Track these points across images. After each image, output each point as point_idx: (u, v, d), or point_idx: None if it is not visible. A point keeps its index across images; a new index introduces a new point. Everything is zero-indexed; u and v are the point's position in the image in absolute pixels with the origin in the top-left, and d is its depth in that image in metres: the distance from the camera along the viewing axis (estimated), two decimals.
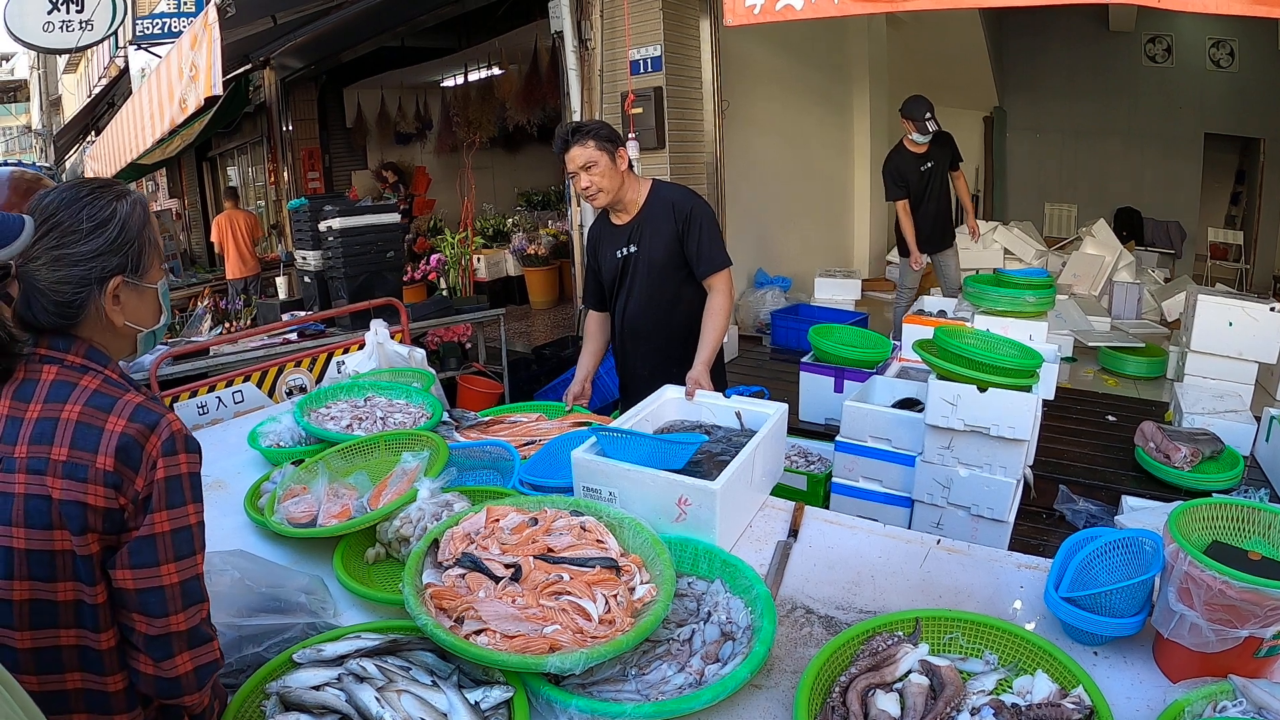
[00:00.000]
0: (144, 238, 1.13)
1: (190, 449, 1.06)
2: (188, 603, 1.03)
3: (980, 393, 2.30)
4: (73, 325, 1.09)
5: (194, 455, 1.07)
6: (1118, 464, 3.30)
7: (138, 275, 1.13)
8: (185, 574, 1.03)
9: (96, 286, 1.08)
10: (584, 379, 2.65)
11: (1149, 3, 2.10)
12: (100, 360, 1.10)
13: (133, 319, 1.14)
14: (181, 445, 1.04)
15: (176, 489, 1.03)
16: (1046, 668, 1.17)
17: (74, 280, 1.07)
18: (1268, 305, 3.81)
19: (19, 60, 22.76)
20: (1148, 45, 8.63)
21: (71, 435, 1.01)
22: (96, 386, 1.06)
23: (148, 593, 1.01)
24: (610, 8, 4.94)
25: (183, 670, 1.03)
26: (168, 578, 1.01)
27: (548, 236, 8.01)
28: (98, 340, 1.11)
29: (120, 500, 1.01)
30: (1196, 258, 8.68)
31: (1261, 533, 1.26)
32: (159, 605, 1.01)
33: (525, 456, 2.05)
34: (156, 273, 1.17)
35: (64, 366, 1.07)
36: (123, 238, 1.10)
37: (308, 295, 5.15)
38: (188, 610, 1.03)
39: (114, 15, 7.69)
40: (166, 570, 1.01)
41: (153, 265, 1.15)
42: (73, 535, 0.99)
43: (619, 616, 1.28)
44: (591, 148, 2.39)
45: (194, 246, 12.30)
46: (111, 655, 1.03)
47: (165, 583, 1.01)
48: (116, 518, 1.01)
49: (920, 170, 5.05)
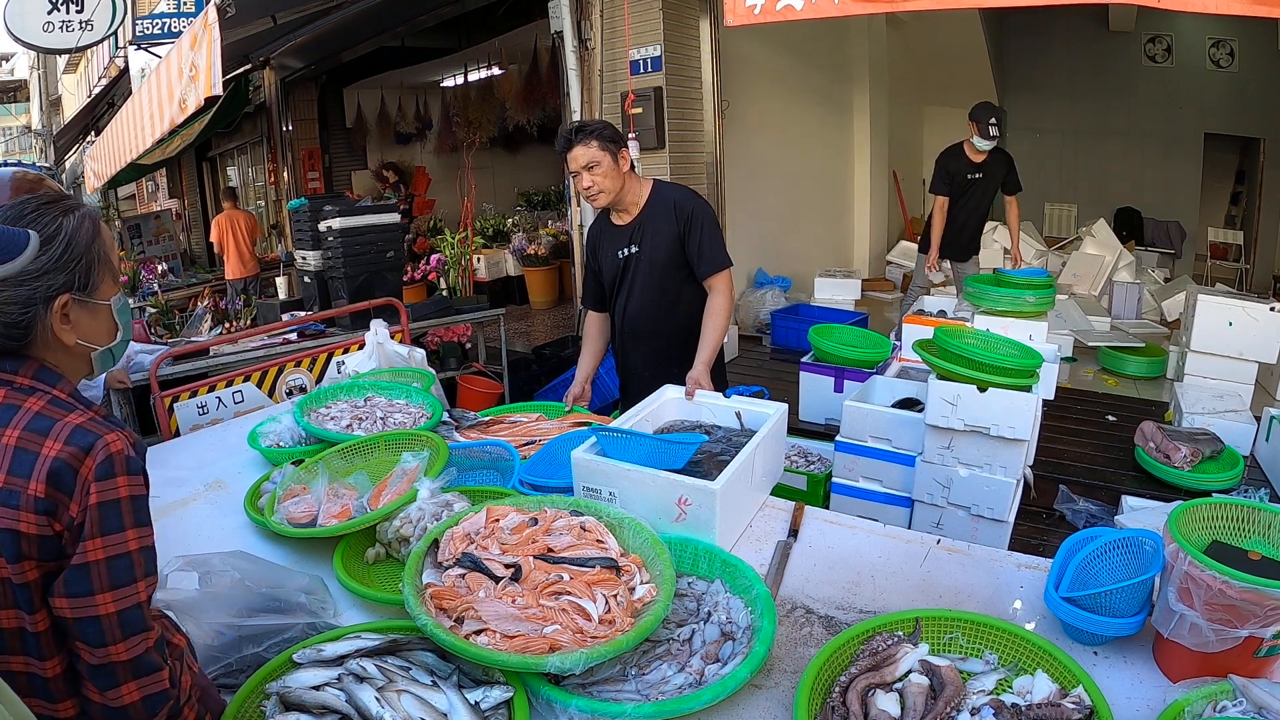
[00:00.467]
0: (93, 254, 1.09)
1: (131, 470, 1.02)
2: (128, 632, 1.00)
3: (980, 393, 2.30)
4: (23, 346, 1.06)
5: (135, 477, 1.03)
6: (1118, 464, 3.31)
7: (87, 292, 1.09)
8: (123, 603, 0.99)
9: (43, 306, 1.05)
10: (584, 380, 2.65)
11: (1149, 3, 2.11)
12: (50, 380, 1.07)
13: (86, 337, 1.11)
14: (121, 467, 1.00)
15: (113, 514, 0.99)
16: (1046, 668, 1.17)
17: (20, 300, 1.03)
18: (1268, 305, 3.81)
19: (19, 60, 22.77)
20: (1148, 45, 8.63)
21: (10, 461, 0.98)
22: (40, 409, 1.02)
23: (85, 622, 0.97)
24: (610, 8, 4.94)
25: (129, 700, 1.00)
26: (104, 607, 0.97)
27: (548, 236, 8.01)
28: (50, 360, 1.08)
29: (55, 527, 0.97)
30: (1196, 257, 8.68)
31: (1261, 533, 1.26)
32: (97, 635, 0.98)
33: (525, 456, 2.05)
34: (109, 289, 1.13)
35: (12, 389, 1.04)
36: (68, 255, 1.06)
37: (308, 295, 5.15)
38: (128, 640, 1.00)
39: (114, 15, 7.69)
40: (102, 600, 0.97)
41: (104, 281, 1.11)
42: (8, 563, 0.96)
43: (619, 616, 1.28)
44: (594, 148, 2.38)
45: (194, 247, 12.29)
46: (59, 683, 1.00)
47: (101, 612, 0.97)
48: (52, 545, 0.98)
49: (969, 177, 4.97)
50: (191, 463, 2.29)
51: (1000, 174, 5.01)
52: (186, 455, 2.37)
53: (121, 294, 1.18)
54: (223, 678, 1.30)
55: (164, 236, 10.59)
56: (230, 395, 3.43)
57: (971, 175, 4.97)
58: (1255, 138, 8.45)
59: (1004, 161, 5.01)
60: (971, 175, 4.97)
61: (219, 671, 1.30)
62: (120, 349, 1.20)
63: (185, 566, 1.40)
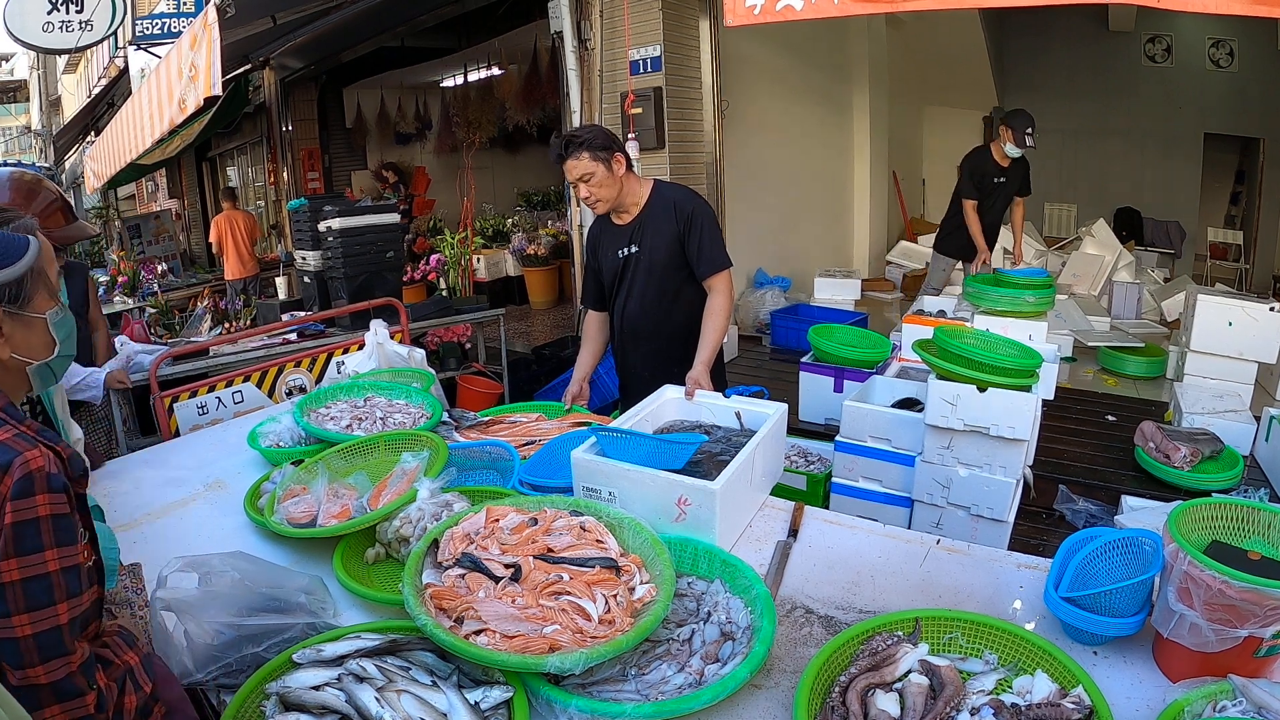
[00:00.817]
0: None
1: (53, 488, 0.98)
2: (46, 655, 0.96)
3: (980, 393, 2.30)
4: None
5: (57, 495, 0.99)
6: (1117, 464, 3.30)
7: (19, 305, 1.08)
8: (40, 625, 0.95)
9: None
10: (582, 379, 2.65)
11: (1149, 2, 2.10)
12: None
13: (20, 351, 1.10)
14: (41, 485, 0.97)
15: (30, 534, 0.96)
16: (1046, 667, 1.17)
17: None
18: (1267, 305, 3.81)
19: (18, 60, 22.75)
20: (1147, 45, 8.63)
21: None
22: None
23: (3, 644, 0.95)
24: (610, 8, 4.94)
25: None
26: (20, 629, 0.94)
27: (547, 237, 8.01)
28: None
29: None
30: (1196, 257, 8.69)
31: (1261, 532, 1.26)
32: (14, 657, 0.95)
33: (525, 456, 2.05)
34: (44, 302, 1.12)
35: None
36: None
37: (307, 295, 5.15)
38: (47, 664, 0.96)
39: (113, 15, 7.70)
40: (19, 622, 0.94)
41: (37, 294, 1.10)
42: None
43: (619, 616, 1.28)
44: (586, 160, 2.38)
45: (193, 247, 12.29)
46: None
47: (18, 634, 0.94)
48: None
49: (994, 181, 4.96)
50: (191, 463, 2.29)
51: (1020, 178, 5.02)
52: (186, 455, 2.37)
53: (59, 309, 1.16)
54: (222, 677, 1.30)
55: (164, 237, 10.60)
56: (230, 395, 3.43)
57: (997, 179, 4.96)
58: (1255, 138, 8.46)
59: (1024, 166, 5.01)
60: (997, 179, 4.96)
61: (218, 671, 1.30)
62: (60, 364, 1.18)
63: (185, 567, 1.39)
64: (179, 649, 1.30)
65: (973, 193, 4.97)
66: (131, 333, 4.34)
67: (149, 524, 1.88)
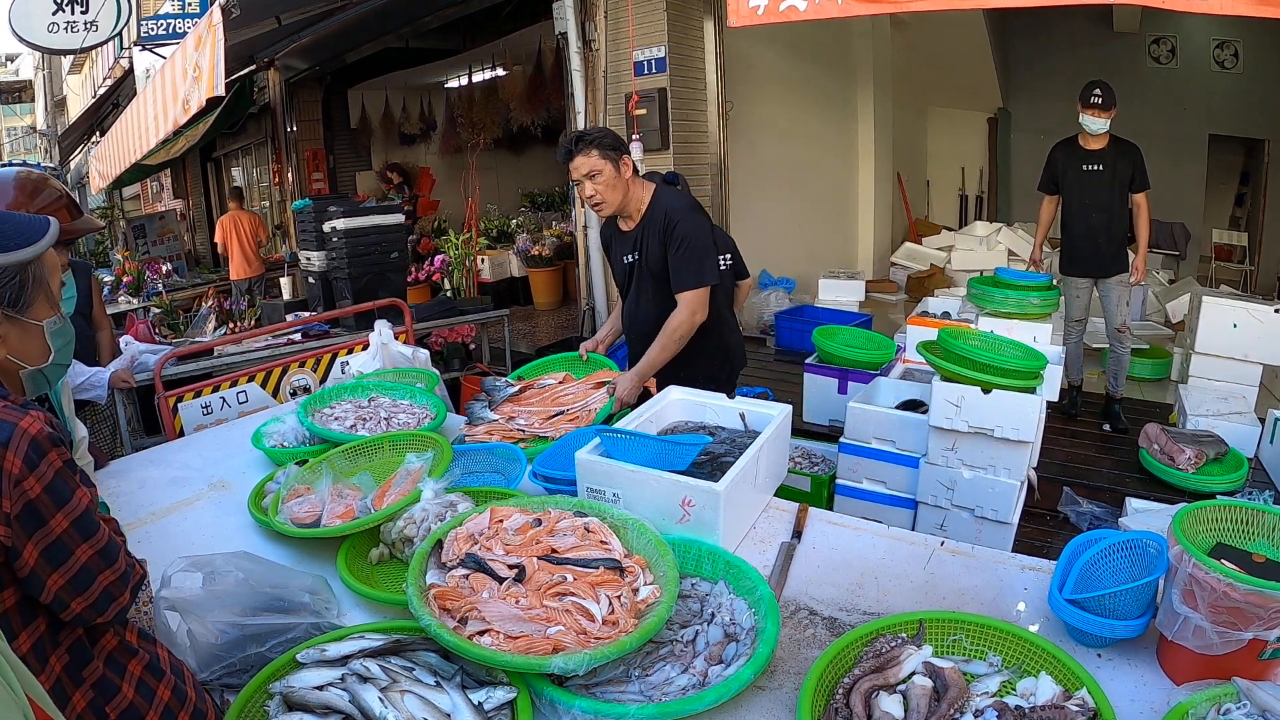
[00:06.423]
0: (27, 273, 1.11)
1: (56, 443, 1.04)
2: (107, 563, 1.07)
3: (984, 394, 2.29)
4: None
5: (60, 448, 1.05)
6: (1122, 466, 3.30)
7: (18, 310, 1.11)
8: (97, 546, 1.06)
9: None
10: (599, 340, 2.71)
11: (1154, 3, 2.10)
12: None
13: (16, 354, 1.13)
14: (47, 445, 1.02)
15: (59, 486, 1.03)
16: (1050, 670, 1.17)
17: None
18: (1272, 307, 3.80)
19: (24, 61, 22.86)
20: (1152, 46, 8.60)
21: None
22: None
23: (77, 577, 1.03)
24: (615, 9, 4.95)
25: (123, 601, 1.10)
26: (84, 556, 1.04)
27: (552, 238, 8.02)
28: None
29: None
30: (1201, 259, 8.65)
31: (1266, 535, 1.26)
32: (88, 580, 1.05)
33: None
34: (43, 310, 1.15)
35: None
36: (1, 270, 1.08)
37: (312, 296, 5.16)
38: (113, 565, 1.08)
39: (119, 16, 7.71)
40: (81, 551, 1.04)
41: (37, 301, 1.13)
42: None
43: (622, 617, 1.28)
44: (595, 157, 2.38)
45: (198, 247, 12.34)
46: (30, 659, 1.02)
47: (85, 560, 1.04)
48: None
49: (1083, 169, 4.06)
50: (196, 463, 2.29)
51: (1127, 168, 4.00)
52: (191, 455, 2.37)
53: (57, 318, 1.19)
54: (226, 677, 1.30)
55: (168, 237, 10.62)
56: (234, 395, 3.44)
57: (1087, 168, 4.06)
58: (1260, 139, 8.43)
59: (1129, 153, 4.03)
60: (1087, 168, 4.06)
61: (222, 671, 1.30)
62: (54, 372, 1.21)
63: (189, 566, 1.40)
64: (183, 648, 1.30)
65: (1048, 184, 4.25)
66: (136, 333, 4.36)
67: (153, 523, 1.89)
